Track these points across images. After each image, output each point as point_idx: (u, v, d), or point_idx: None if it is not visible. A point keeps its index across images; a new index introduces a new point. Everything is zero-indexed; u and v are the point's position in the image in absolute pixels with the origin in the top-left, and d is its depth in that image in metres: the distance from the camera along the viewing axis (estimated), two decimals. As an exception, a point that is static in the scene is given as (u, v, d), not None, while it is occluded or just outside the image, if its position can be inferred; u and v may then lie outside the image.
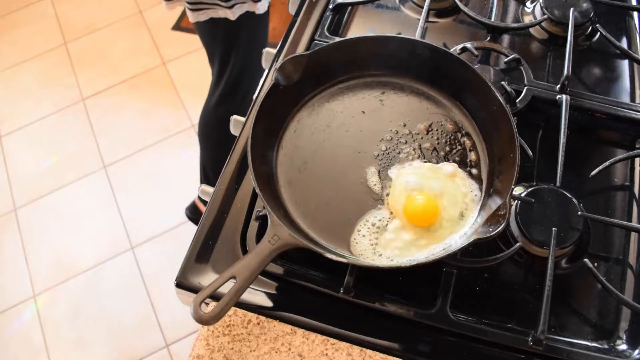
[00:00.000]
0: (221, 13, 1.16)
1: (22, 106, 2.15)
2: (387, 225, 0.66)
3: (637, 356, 0.61)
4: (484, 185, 0.69)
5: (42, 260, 1.82)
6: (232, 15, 1.15)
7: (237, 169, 0.74)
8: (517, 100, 0.76)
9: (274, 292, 0.66)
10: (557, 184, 0.69)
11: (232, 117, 0.83)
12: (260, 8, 1.18)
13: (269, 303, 0.65)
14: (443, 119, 0.74)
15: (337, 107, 0.75)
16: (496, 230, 0.57)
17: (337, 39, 0.73)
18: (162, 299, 1.72)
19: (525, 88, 0.78)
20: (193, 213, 1.77)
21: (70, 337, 1.68)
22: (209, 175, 1.52)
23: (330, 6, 0.88)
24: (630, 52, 0.84)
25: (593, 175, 0.72)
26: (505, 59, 0.81)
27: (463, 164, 0.70)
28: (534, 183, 0.72)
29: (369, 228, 0.66)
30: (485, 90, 0.69)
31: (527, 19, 0.89)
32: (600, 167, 0.72)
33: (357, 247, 0.65)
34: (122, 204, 1.90)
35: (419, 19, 0.82)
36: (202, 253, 0.68)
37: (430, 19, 0.90)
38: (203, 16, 1.16)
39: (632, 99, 0.82)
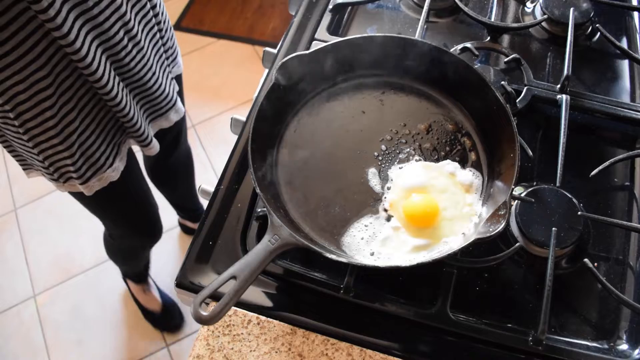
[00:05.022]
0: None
1: (22, 106, 2.15)
2: (387, 225, 0.66)
3: (637, 356, 0.61)
4: (484, 185, 0.69)
5: (42, 260, 1.82)
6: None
7: (237, 169, 0.74)
8: (517, 100, 0.76)
9: (274, 292, 0.66)
10: (557, 184, 0.69)
11: (232, 117, 0.83)
12: (85, 189, 0.92)
13: (269, 303, 0.65)
14: (443, 119, 0.74)
15: (337, 107, 0.75)
16: (496, 230, 0.57)
17: (337, 39, 0.73)
18: (162, 299, 1.72)
19: (525, 88, 0.78)
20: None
21: (70, 337, 1.68)
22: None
23: (330, 6, 0.88)
24: (630, 52, 0.84)
25: (593, 175, 0.72)
26: (505, 59, 0.81)
27: (463, 164, 0.70)
28: (534, 183, 0.72)
29: (369, 228, 0.66)
30: (485, 90, 0.69)
31: (527, 19, 0.89)
32: (600, 167, 0.72)
33: (357, 247, 0.65)
34: (122, 204, 1.90)
35: (419, 19, 0.82)
36: (202, 253, 0.68)
37: (430, 19, 0.90)
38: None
39: (632, 99, 0.82)
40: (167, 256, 1.80)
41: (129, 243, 1.36)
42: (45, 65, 0.72)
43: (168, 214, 1.84)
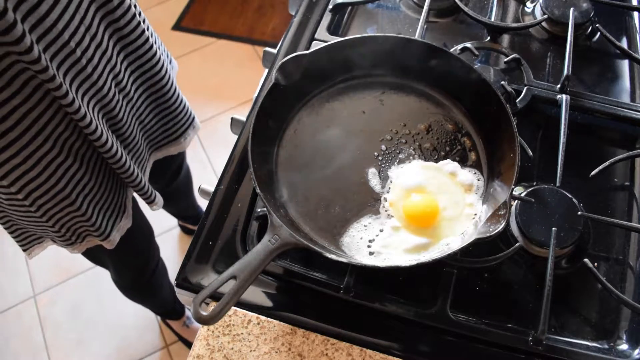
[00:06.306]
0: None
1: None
2: (387, 225, 0.66)
3: (637, 356, 0.61)
4: (484, 185, 0.69)
5: (42, 260, 1.82)
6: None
7: (237, 169, 0.74)
8: (517, 100, 0.76)
9: (274, 292, 0.66)
10: (557, 184, 0.69)
11: (232, 117, 0.83)
12: (107, 244, 0.92)
13: (269, 303, 0.65)
14: (443, 119, 0.74)
15: (337, 107, 0.75)
16: (496, 230, 0.57)
17: (337, 39, 0.73)
18: (162, 299, 1.72)
19: (525, 88, 0.78)
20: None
21: (70, 337, 1.68)
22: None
23: (330, 6, 0.88)
24: (630, 52, 0.84)
25: (593, 175, 0.72)
26: (505, 59, 0.81)
27: (463, 164, 0.70)
28: (534, 183, 0.72)
29: (369, 228, 0.66)
30: (485, 90, 0.69)
31: (527, 19, 0.89)
32: (600, 167, 0.72)
33: (356, 247, 0.65)
34: (122, 204, 1.90)
35: (419, 19, 0.82)
36: (202, 253, 0.68)
37: (430, 19, 0.90)
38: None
39: (632, 99, 0.82)
40: (167, 256, 1.79)
41: (139, 275, 1.33)
42: (50, 135, 0.69)
43: (168, 215, 1.85)
